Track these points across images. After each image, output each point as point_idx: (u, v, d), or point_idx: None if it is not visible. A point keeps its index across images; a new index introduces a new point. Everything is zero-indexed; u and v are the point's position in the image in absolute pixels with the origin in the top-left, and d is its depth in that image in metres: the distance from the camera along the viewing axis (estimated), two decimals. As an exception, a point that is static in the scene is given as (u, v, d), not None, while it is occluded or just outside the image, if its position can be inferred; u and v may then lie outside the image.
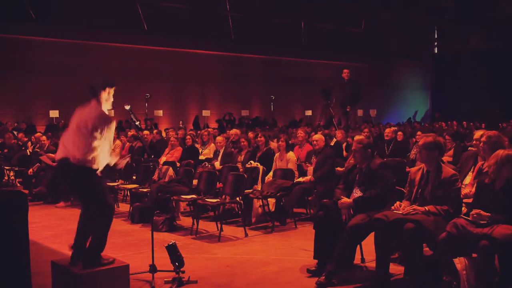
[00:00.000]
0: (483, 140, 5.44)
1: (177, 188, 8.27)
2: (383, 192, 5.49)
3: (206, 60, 22.78)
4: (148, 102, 18.83)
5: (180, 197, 8.01)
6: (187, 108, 23.03)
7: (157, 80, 20.98)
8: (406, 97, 29.23)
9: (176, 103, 22.51)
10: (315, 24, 24.66)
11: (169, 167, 9.00)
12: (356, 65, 22.95)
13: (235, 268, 5.95)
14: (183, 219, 8.61)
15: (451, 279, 4.57)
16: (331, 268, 5.23)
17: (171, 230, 7.84)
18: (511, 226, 4.41)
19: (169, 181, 8.66)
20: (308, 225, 7.86)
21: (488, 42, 27.08)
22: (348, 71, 14.18)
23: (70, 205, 9.97)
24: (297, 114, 24.78)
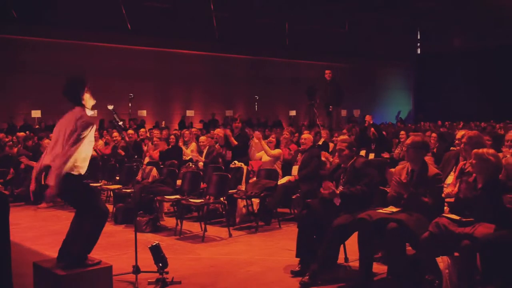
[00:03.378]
0: (464, 141, 5.51)
1: (160, 189, 8.24)
2: (367, 190, 5.52)
3: (190, 60, 22.71)
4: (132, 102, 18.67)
5: (164, 197, 7.99)
6: (171, 108, 22.94)
7: (140, 80, 20.85)
8: (389, 97, 29.42)
9: (160, 103, 22.41)
10: (299, 25, 24.70)
11: (152, 167, 8.97)
12: (340, 65, 23.05)
13: (219, 268, 5.94)
14: (167, 219, 8.57)
15: (434, 278, 4.60)
16: (315, 268, 5.24)
17: (154, 230, 7.80)
18: (492, 225, 4.47)
19: (152, 181, 8.62)
20: (292, 225, 7.87)
21: (470, 42, 27.35)
22: (330, 71, 14.24)
23: (53, 206, 9.88)
24: (282, 114, 24.81)
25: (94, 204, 4.91)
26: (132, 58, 20.93)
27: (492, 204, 4.57)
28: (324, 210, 5.53)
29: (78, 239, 4.84)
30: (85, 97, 4.88)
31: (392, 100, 29.37)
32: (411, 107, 30.87)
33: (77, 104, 4.86)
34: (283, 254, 6.44)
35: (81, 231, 4.86)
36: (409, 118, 28.64)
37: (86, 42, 19.57)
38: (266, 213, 8.14)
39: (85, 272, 4.78)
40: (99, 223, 4.91)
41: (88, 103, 4.90)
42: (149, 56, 21.58)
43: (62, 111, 4.99)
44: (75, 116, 4.75)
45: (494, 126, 15.88)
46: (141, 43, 21.08)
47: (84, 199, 4.87)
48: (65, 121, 4.79)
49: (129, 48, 20.97)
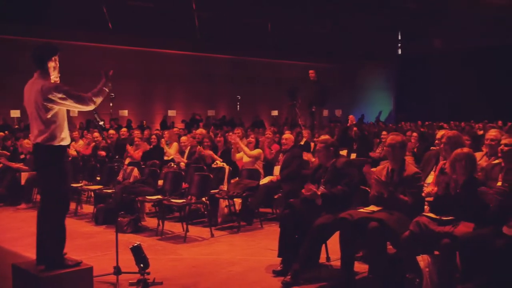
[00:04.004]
0: (443, 141, 5.57)
1: (142, 189, 8.21)
2: (348, 190, 5.55)
3: (172, 59, 22.61)
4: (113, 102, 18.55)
5: (145, 197, 7.95)
6: (153, 108, 22.83)
7: (122, 79, 20.62)
8: (371, 97, 29.61)
9: (142, 103, 22.29)
10: (282, 25, 24.74)
11: (134, 167, 8.92)
12: (321, 65, 23.09)
13: (201, 268, 5.92)
14: (148, 220, 8.52)
15: (414, 276, 4.64)
16: (297, 267, 5.25)
17: (136, 231, 7.75)
18: (471, 224, 4.52)
19: (134, 181, 8.58)
20: (274, 224, 7.87)
21: (450, 43, 27.65)
22: (314, 71, 14.27)
23: (32, 207, 9.76)
24: (264, 114, 24.83)
25: (62, 186, 4.79)
26: (114, 57, 20.75)
27: (471, 203, 4.63)
28: (306, 210, 5.55)
29: (47, 237, 4.77)
30: (50, 64, 4.81)
31: (373, 100, 29.56)
32: (392, 107, 31.10)
33: (40, 67, 4.80)
34: (265, 254, 6.45)
35: (47, 227, 4.78)
36: (390, 118, 28.85)
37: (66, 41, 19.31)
38: (248, 213, 8.14)
39: (65, 273, 4.73)
40: (60, 215, 4.81)
41: (52, 73, 4.83)
42: (130, 55, 21.44)
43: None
44: (42, 83, 4.71)
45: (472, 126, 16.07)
46: (122, 43, 20.93)
47: (58, 178, 4.76)
48: (33, 92, 4.74)
49: (110, 47, 20.81)
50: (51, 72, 4.84)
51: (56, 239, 4.77)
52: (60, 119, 4.77)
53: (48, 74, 4.81)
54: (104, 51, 20.63)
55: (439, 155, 5.96)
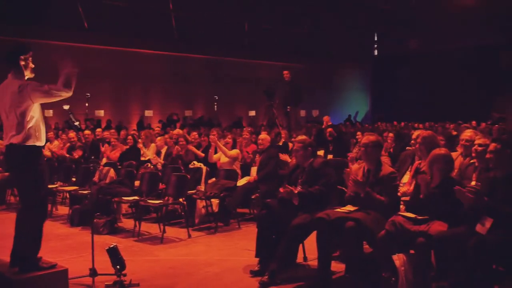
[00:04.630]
0: (419, 141, 5.64)
1: (118, 190, 8.14)
2: (325, 190, 5.57)
3: (149, 59, 22.47)
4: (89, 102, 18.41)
5: (122, 198, 7.89)
6: (130, 108, 22.66)
7: (98, 79, 20.50)
8: (347, 98, 29.82)
9: (118, 103, 22.10)
10: (259, 25, 24.77)
11: (110, 168, 8.84)
12: (298, 65, 23.21)
13: (178, 269, 5.89)
14: (124, 221, 8.46)
15: (390, 275, 4.68)
16: (274, 267, 5.26)
17: (112, 232, 7.68)
18: (446, 223, 4.58)
19: (110, 182, 8.51)
20: (252, 225, 7.88)
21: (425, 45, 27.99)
22: (288, 72, 14.32)
23: (6, 209, 9.61)
24: (241, 114, 24.83)
25: (40, 188, 4.74)
26: (89, 57, 20.52)
27: (446, 202, 4.69)
28: (283, 210, 5.56)
29: (24, 239, 4.70)
30: (21, 63, 4.76)
31: (350, 101, 29.78)
32: (368, 108, 31.36)
33: (12, 66, 4.75)
34: (243, 254, 6.45)
35: (24, 230, 4.72)
36: (366, 119, 29.09)
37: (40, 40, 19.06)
38: (225, 213, 8.13)
39: (39, 276, 4.66)
40: (39, 218, 4.76)
41: (25, 72, 4.79)
42: (106, 55, 21.25)
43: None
44: (15, 83, 4.66)
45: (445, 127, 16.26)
46: (98, 42, 20.72)
47: (35, 179, 4.70)
48: (6, 92, 4.68)
49: (85, 46, 20.57)
50: (24, 71, 4.77)
51: (32, 242, 4.71)
52: (36, 120, 4.71)
53: (22, 74, 4.75)
54: (79, 50, 20.38)
55: (414, 155, 6.03)
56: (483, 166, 5.09)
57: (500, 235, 4.23)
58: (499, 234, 4.24)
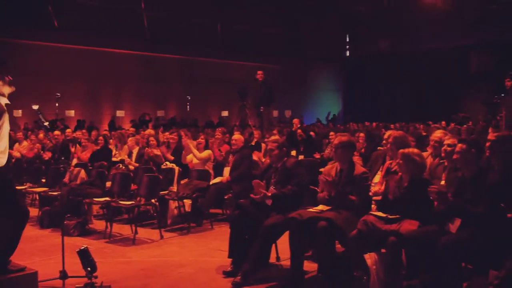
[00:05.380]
0: (390, 141, 5.71)
1: (89, 191, 8.05)
2: (298, 190, 5.60)
3: (120, 59, 22.23)
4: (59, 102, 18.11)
5: (93, 200, 7.80)
6: (101, 108, 22.39)
7: (68, 79, 20.20)
8: (319, 98, 29.98)
9: (89, 103, 21.81)
10: (232, 25, 24.75)
11: (80, 169, 8.75)
12: (271, 66, 23.24)
13: (150, 271, 5.85)
14: (96, 222, 8.37)
15: (362, 274, 4.73)
16: (247, 268, 5.26)
17: (83, 234, 7.60)
18: (416, 222, 4.64)
19: (81, 183, 8.41)
20: (225, 225, 7.87)
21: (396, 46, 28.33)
22: (262, 72, 14.34)
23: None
24: (214, 114, 24.77)
25: (15, 201, 4.67)
26: (59, 56, 20.25)
27: (417, 201, 4.76)
28: (256, 210, 5.58)
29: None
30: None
31: (322, 101, 29.95)
32: (340, 108, 31.60)
33: None
34: (215, 254, 6.44)
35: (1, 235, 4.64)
36: (338, 119, 29.30)
37: (9, 39, 18.74)
38: (198, 214, 8.11)
39: (8, 279, 4.58)
40: (19, 224, 4.69)
41: (2, 88, 4.67)
42: (77, 54, 20.93)
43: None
44: None
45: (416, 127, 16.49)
46: (68, 41, 20.41)
47: (3, 196, 4.61)
48: None
49: (55, 46, 20.26)
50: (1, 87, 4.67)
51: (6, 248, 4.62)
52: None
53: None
54: (49, 49, 20.09)
55: (386, 155, 6.10)
56: (452, 166, 5.18)
57: (468, 234, 4.31)
58: (467, 233, 4.32)
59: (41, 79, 18.77)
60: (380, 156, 6.26)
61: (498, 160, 4.90)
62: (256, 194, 5.58)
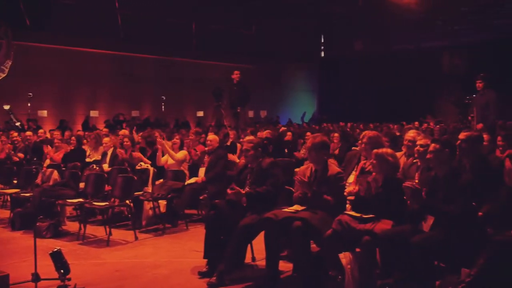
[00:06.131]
0: (364, 141, 5.76)
1: (62, 192, 7.95)
2: (273, 190, 5.61)
3: (94, 58, 21.96)
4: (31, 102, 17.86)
5: (66, 201, 7.70)
6: (74, 108, 22.09)
7: (40, 78, 19.89)
8: (295, 98, 30.08)
9: (62, 103, 21.51)
10: (207, 25, 24.68)
11: (53, 170, 8.63)
12: (246, 66, 23.24)
13: (124, 272, 5.80)
14: (69, 224, 8.26)
15: (337, 273, 4.76)
16: (222, 268, 5.26)
17: (56, 236, 7.49)
18: (390, 222, 4.70)
19: (53, 184, 8.30)
20: (200, 226, 7.85)
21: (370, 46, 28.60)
22: (238, 72, 14.35)
23: None
24: (189, 115, 24.67)
25: None
26: (32, 55, 19.88)
27: (391, 201, 4.81)
28: (231, 211, 5.57)
29: None
30: None
31: (297, 101, 30.05)
32: (315, 108, 31.76)
33: None
34: (191, 255, 6.41)
35: None
36: (313, 119, 29.44)
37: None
38: (173, 214, 8.06)
39: (-22, 282, 4.50)
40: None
41: None
42: (50, 53, 20.61)
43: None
44: None
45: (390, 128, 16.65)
46: (40, 40, 20.09)
47: None
48: None
49: (27, 45, 19.89)
50: None
51: None
52: None
53: None
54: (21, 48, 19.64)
55: (360, 155, 6.15)
56: (425, 166, 5.25)
57: (440, 233, 4.37)
58: (440, 231, 4.39)
59: (12, 78, 18.11)
60: (355, 156, 6.30)
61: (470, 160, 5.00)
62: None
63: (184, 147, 9.58)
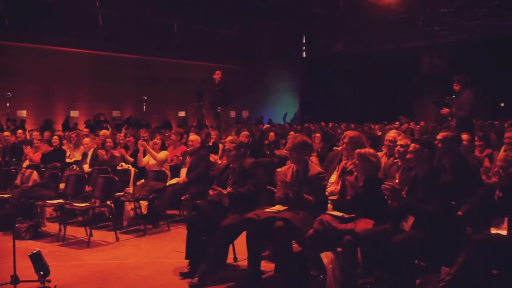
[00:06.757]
0: (345, 141, 5.79)
1: (42, 193, 7.85)
2: (255, 190, 5.61)
3: (74, 58, 21.76)
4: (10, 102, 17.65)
5: (46, 202, 7.61)
6: (54, 108, 21.86)
7: (20, 78, 19.66)
8: (277, 98, 30.15)
9: (42, 103, 21.28)
10: (188, 25, 24.61)
11: (33, 170, 8.53)
12: (228, 66, 23.21)
13: (105, 274, 5.76)
14: (49, 225, 8.16)
15: (319, 273, 4.78)
16: (204, 269, 5.25)
17: (35, 237, 7.41)
18: (371, 221, 4.73)
19: (33, 185, 8.20)
20: (181, 226, 7.82)
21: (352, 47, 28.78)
22: (220, 72, 14.33)
23: None
24: (171, 115, 24.58)
25: None
26: (11, 55, 19.67)
27: (372, 201, 4.85)
28: (213, 211, 5.56)
29: None
30: None
31: (279, 102, 30.12)
32: (297, 109, 31.86)
33: None
34: (172, 256, 6.39)
35: None
36: (295, 119, 29.53)
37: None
38: (155, 215, 8.02)
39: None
40: None
41: None
42: (29, 53, 20.39)
43: None
44: None
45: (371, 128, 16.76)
46: (20, 39, 19.86)
47: None
48: None
49: (6, 44, 19.68)
50: None
51: None
52: None
53: None
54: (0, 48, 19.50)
55: (342, 155, 6.18)
56: (405, 165, 5.29)
57: (421, 232, 4.41)
58: (420, 231, 4.43)
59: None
60: (336, 156, 6.33)
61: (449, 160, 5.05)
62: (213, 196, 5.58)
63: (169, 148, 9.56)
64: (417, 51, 27.22)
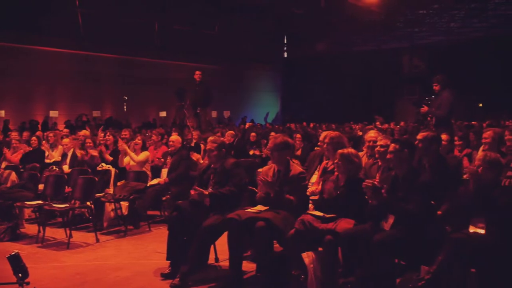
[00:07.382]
0: (326, 141, 5.81)
1: (20, 194, 7.75)
2: (236, 190, 5.61)
3: (53, 57, 21.52)
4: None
5: (24, 203, 7.51)
6: (33, 109, 21.61)
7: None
8: (258, 99, 30.19)
9: (21, 103, 21.01)
10: (169, 25, 24.50)
11: (11, 171, 8.42)
12: (209, 66, 23.19)
13: (85, 275, 5.71)
14: (28, 226, 8.06)
15: (300, 273, 4.80)
16: (186, 269, 5.24)
17: (14, 239, 7.32)
18: (352, 221, 4.76)
19: (11, 186, 8.10)
20: (163, 227, 7.77)
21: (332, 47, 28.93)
22: (200, 73, 14.30)
23: None
24: (152, 115, 24.46)
25: None
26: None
27: (352, 201, 4.87)
28: (194, 212, 5.55)
29: None
30: None
31: (261, 102, 30.16)
32: (278, 109, 31.93)
33: None
34: (153, 257, 6.36)
35: None
36: (276, 119, 29.59)
37: None
38: (135, 216, 7.97)
39: None
40: None
41: None
42: (8, 52, 20.11)
43: None
44: None
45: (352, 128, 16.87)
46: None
47: None
48: None
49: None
50: None
51: None
52: None
53: None
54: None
55: (323, 155, 6.21)
56: (385, 165, 5.33)
57: (401, 231, 4.45)
58: (400, 230, 4.47)
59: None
60: (317, 156, 6.35)
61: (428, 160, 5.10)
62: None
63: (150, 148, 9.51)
64: (397, 52, 27.48)
